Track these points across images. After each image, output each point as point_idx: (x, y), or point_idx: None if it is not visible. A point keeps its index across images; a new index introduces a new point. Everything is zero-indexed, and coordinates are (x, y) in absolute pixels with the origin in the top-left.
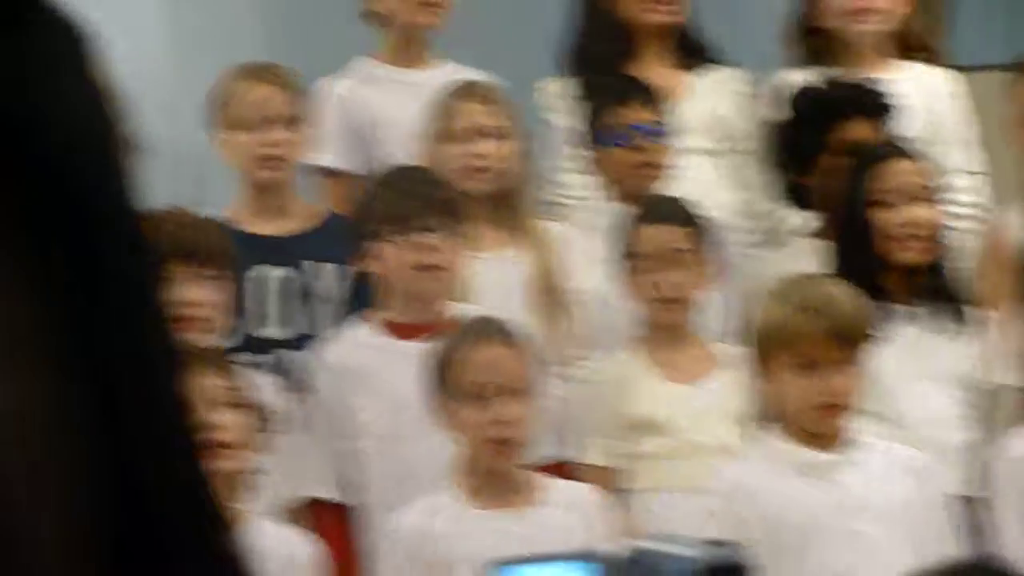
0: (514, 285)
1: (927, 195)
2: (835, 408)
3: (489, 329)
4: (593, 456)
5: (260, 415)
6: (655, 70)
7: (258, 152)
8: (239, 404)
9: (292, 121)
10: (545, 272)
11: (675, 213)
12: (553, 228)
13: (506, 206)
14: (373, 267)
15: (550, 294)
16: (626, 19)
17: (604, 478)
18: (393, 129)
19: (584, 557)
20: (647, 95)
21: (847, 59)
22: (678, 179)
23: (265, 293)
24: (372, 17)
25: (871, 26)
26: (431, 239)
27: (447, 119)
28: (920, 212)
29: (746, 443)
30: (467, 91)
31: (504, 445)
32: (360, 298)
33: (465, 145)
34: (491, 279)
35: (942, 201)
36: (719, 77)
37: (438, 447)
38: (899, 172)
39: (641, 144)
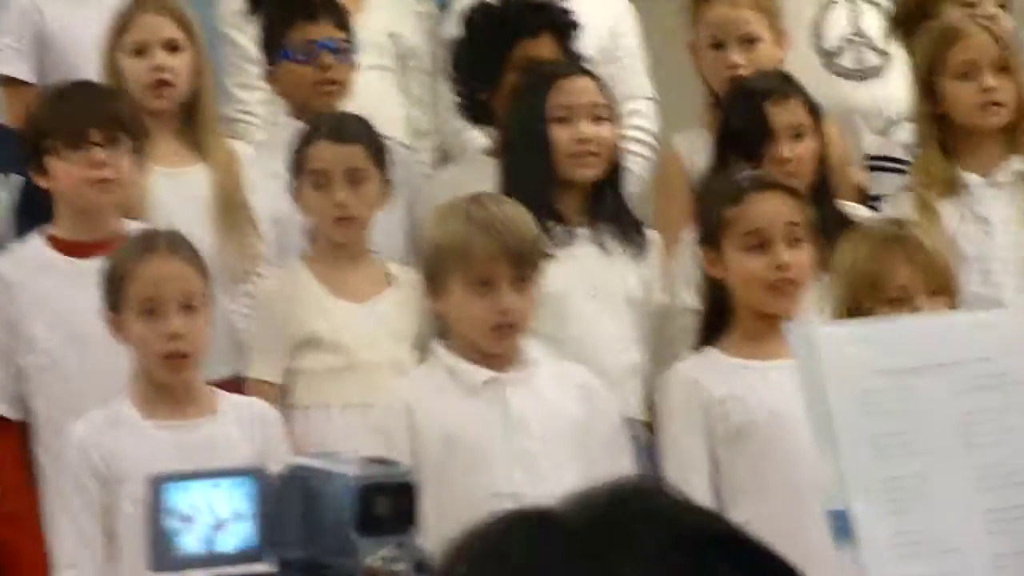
0: (195, 200)
1: (605, 113)
2: (508, 328)
3: (160, 242)
4: (259, 371)
5: None
6: None
7: None
8: None
9: None
10: (226, 188)
11: (354, 131)
12: (235, 145)
13: (187, 121)
14: (44, 182)
15: (231, 210)
16: None
17: (270, 393)
18: (75, 42)
19: (246, 473)
20: (336, 12)
21: None
22: (354, 96)
23: None
24: None
25: None
26: (101, 154)
27: (125, 32)
28: (598, 130)
29: (417, 361)
30: (145, 3)
31: (175, 359)
32: (33, 212)
33: (144, 59)
34: (171, 194)
35: (618, 121)
36: None
37: (114, 362)
38: (577, 90)
39: (327, 61)
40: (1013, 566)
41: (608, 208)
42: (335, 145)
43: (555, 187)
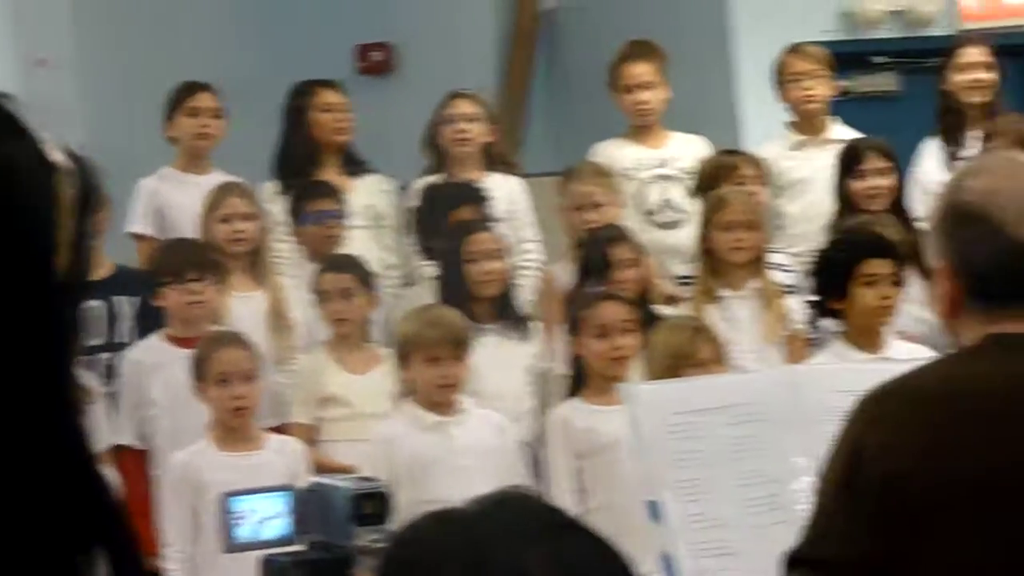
0: (257, 313)
1: (500, 254)
2: (450, 387)
3: (228, 338)
4: (298, 417)
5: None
6: (331, 176)
7: None
8: None
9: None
10: (276, 306)
11: (345, 265)
12: (281, 278)
13: (253, 263)
14: (159, 302)
15: (280, 320)
16: (317, 140)
17: (305, 432)
18: (181, 211)
19: (283, 489)
20: (335, 193)
21: (458, 168)
22: (349, 245)
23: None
24: (170, 139)
25: (468, 148)
26: (195, 286)
27: (217, 207)
28: (495, 265)
29: (394, 410)
30: (229, 189)
31: (239, 412)
32: (149, 320)
33: (229, 224)
34: (244, 310)
35: (509, 258)
36: (372, 180)
37: (199, 414)
38: (481, 240)
39: (327, 223)
40: (767, 533)
41: (505, 312)
42: (333, 274)
43: (470, 300)
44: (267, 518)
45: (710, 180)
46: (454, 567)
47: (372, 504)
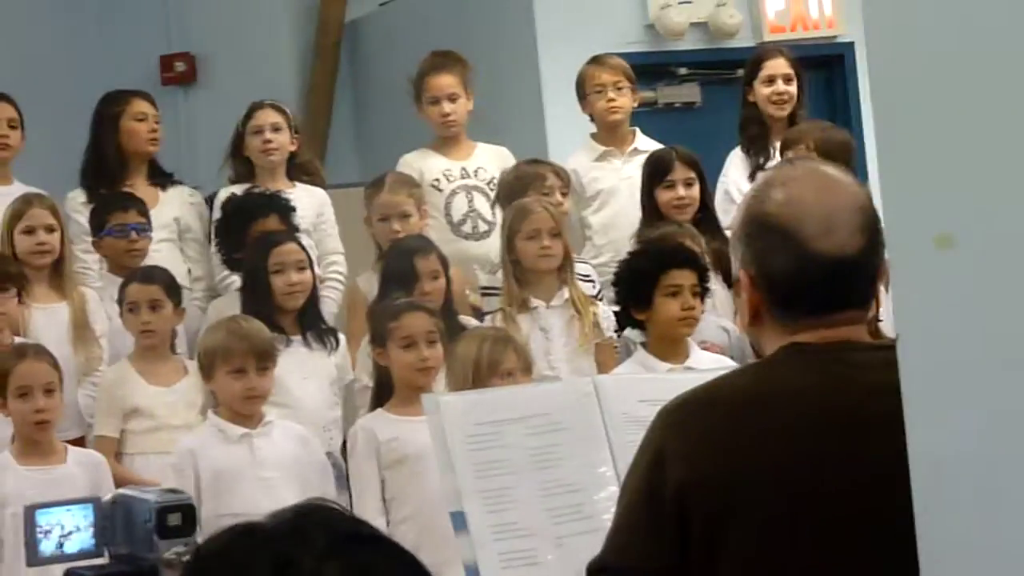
0: (60, 325)
1: (304, 265)
2: (254, 399)
3: (29, 350)
4: (101, 430)
5: None
6: (139, 187)
7: None
8: None
9: None
10: (79, 318)
11: (156, 276)
12: (84, 290)
13: (56, 274)
14: None
15: (82, 331)
16: (128, 149)
17: (110, 444)
18: None
19: (87, 501)
20: (139, 204)
21: (263, 178)
22: (154, 257)
23: None
24: None
25: (274, 158)
26: None
27: (19, 219)
28: (301, 276)
29: (200, 423)
30: (31, 200)
31: (41, 425)
32: None
33: (32, 235)
34: (45, 321)
35: (313, 269)
36: (178, 192)
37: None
38: (286, 251)
39: (133, 237)
40: (570, 543)
41: (310, 323)
42: (142, 285)
43: (276, 312)
44: (71, 531)
45: (513, 190)
46: None
47: (176, 516)
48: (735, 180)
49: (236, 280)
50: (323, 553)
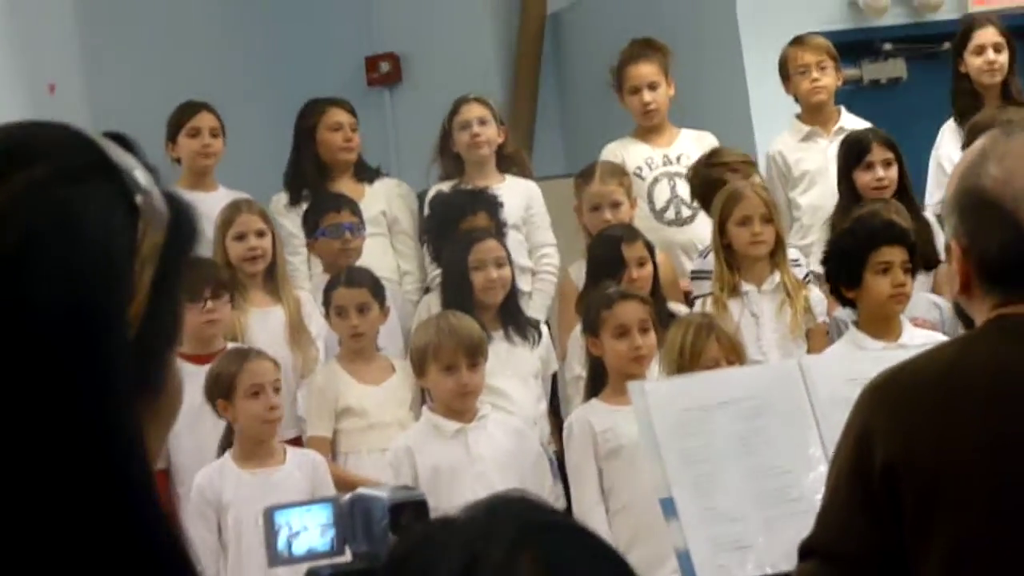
0: (276, 329)
1: (504, 261)
2: (468, 395)
3: (253, 352)
4: (315, 430)
5: None
6: (344, 185)
7: None
8: None
9: None
10: (295, 320)
11: (360, 279)
12: (299, 292)
13: (269, 278)
14: None
15: (299, 334)
16: (326, 159)
17: (324, 444)
18: None
19: (325, 501)
20: (351, 204)
21: (472, 173)
22: (363, 255)
23: None
24: (174, 160)
25: (483, 151)
26: (211, 304)
27: (230, 225)
28: (500, 272)
29: (413, 420)
30: (240, 207)
31: (272, 424)
32: None
33: (244, 242)
34: (261, 326)
35: (509, 264)
36: (385, 185)
37: (214, 432)
38: (485, 249)
39: (347, 236)
40: (779, 526)
41: (511, 318)
42: (349, 289)
43: (475, 308)
44: (309, 531)
45: (709, 180)
46: (446, 570)
47: (411, 513)
48: (948, 154)
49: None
50: (513, 544)
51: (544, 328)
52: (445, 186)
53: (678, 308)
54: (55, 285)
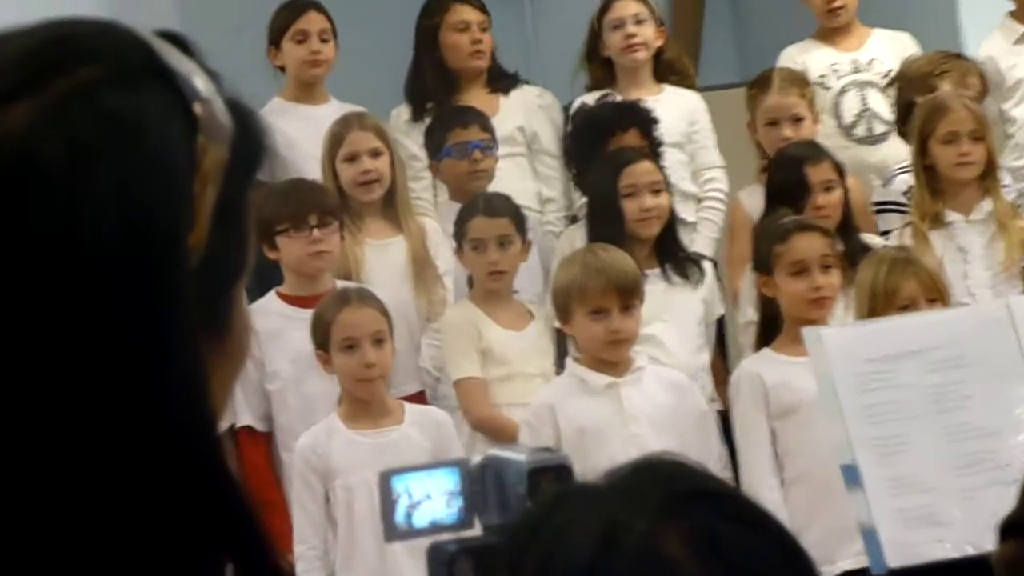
0: (397, 264)
1: (661, 187)
2: (619, 343)
3: (351, 296)
4: (465, 370)
5: None
6: (475, 97)
7: None
8: None
9: None
10: (419, 254)
11: (501, 207)
12: (425, 220)
13: (388, 205)
14: (273, 255)
15: (423, 270)
16: (451, 65)
17: (479, 386)
18: (297, 151)
19: (452, 465)
20: (481, 118)
21: (626, 82)
22: (500, 177)
23: None
24: (278, 68)
25: (639, 55)
26: (318, 233)
27: (340, 145)
28: (657, 200)
29: (556, 371)
30: (352, 122)
31: (368, 383)
32: (262, 278)
33: (355, 164)
34: (379, 261)
35: (667, 189)
36: (523, 95)
37: (328, 386)
38: (639, 172)
39: (477, 156)
40: (979, 497)
41: (668, 253)
42: (488, 219)
43: (626, 243)
44: (432, 499)
45: (918, 85)
46: (581, 545)
47: (552, 479)
48: None
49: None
50: (657, 515)
51: (709, 266)
52: (592, 97)
53: (872, 240)
54: (107, 208)
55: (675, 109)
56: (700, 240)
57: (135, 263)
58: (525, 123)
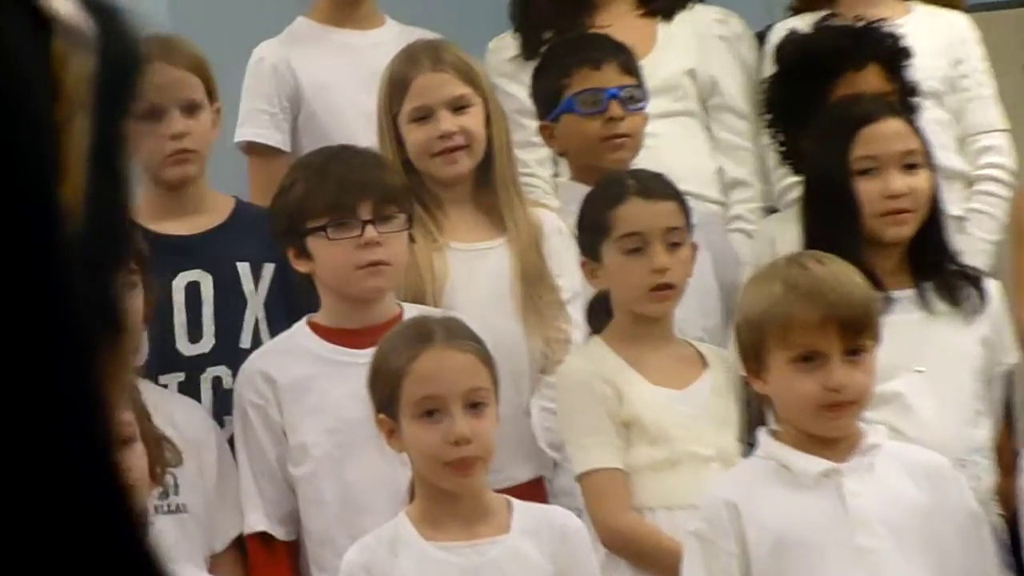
0: (495, 280)
1: (919, 160)
2: (842, 407)
3: (436, 331)
4: (597, 459)
5: (171, 448)
6: (621, 21)
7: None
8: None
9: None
10: (530, 265)
11: (662, 188)
12: (539, 214)
13: (483, 189)
14: (305, 267)
15: (535, 287)
16: None
17: (620, 483)
18: (331, 101)
19: None
20: (623, 55)
21: (847, 1)
22: (647, 147)
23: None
24: None
25: None
26: (372, 232)
27: (404, 97)
28: (911, 181)
29: (742, 452)
30: (421, 57)
31: (461, 466)
32: (290, 301)
33: (429, 124)
34: (466, 274)
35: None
36: (693, 19)
37: (387, 471)
38: (884, 136)
39: (616, 111)
40: None
41: (930, 264)
42: (648, 203)
43: (864, 246)
44: None
45: None
46: None
47: None
48: None
49: (797, 187)
50: None
51: (994, 287)
52: (806, 21)
53: None
54: None
55: (932, 39)
56: (974, 244)
57: None
58: (697, 63)
